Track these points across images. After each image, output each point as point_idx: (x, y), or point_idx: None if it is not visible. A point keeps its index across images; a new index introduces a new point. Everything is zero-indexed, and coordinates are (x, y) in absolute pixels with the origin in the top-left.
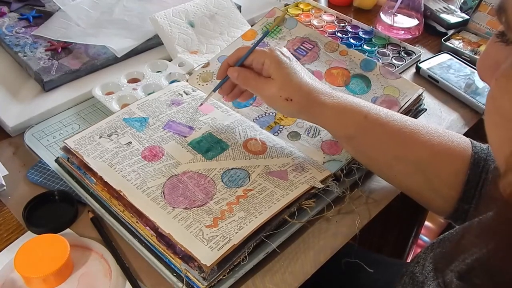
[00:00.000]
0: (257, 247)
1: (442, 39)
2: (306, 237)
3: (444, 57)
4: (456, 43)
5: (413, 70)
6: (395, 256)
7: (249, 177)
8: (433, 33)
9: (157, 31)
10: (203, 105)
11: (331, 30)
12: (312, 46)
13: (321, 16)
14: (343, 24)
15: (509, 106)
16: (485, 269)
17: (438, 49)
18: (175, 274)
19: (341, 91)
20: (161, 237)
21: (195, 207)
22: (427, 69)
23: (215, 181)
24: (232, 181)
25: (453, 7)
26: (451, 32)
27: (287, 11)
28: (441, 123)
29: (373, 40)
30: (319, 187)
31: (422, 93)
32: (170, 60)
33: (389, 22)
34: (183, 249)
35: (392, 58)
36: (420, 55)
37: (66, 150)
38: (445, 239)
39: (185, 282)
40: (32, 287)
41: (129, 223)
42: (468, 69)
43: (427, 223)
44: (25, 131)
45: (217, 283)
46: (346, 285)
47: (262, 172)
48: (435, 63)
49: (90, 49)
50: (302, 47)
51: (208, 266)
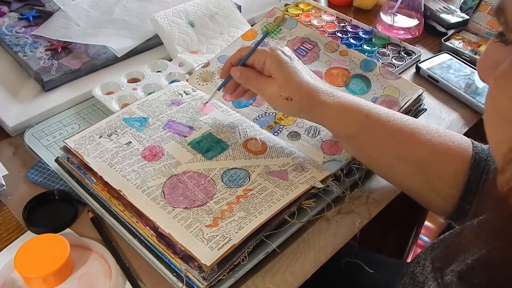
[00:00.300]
0: (257, 247)
1: (442, 39)
2: (306, 237)
3: (444, 57)
4: (456, 43)
5: (413, 70)
6: (395, 256)
7: (249, 177)
8: (433, 33)
9: (157, 31)
10: (206, 104)
11: (331, 30)
12: (312, 46)
13: (321, 16)
14: (343, 24)
15: (508, 106)
16: (485, 269)
17: (438, 49)
18: (175, 274)
19: (341, 91)
20: (161, 237)
21: (195, 207)
22: (427, 69)
23: (215, 181)
24: (232, 181)
25: (453, 7)
26: (451, 32)
27: (287, 11)
28: (441, 123)
29: (373, 40)
30: (319, 187)
31: (422, 93)
32: (170, 60)
33: (389, 22)
34: (183, 249)
35: (392, 58)
36: (420, 55)
37: (66, 150)
38: (445, 239)
39: (185, 282)
40: (32, 287)
41: (129, 223)
42: (468, 69)
43: (427, 223)
44: (25, 131)
45: (217, 283)
46: (346, 285)
47: (262, 172)
48: (435, 63)
49: (90, 49)
50: (302, 47)
51: (208, 266)
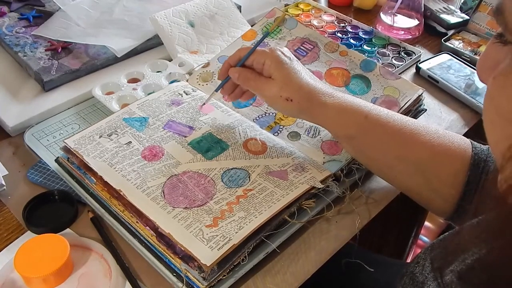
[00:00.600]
0: (257, 247)
1: (442, 40)
2: (306, 237)
3: (444, 57)
4: (456, 44)
5: (413, 70)
6: (395, 256)
7: (249, 177)
8: (433, 33)
9: (157, 31)
10: (203, 105)
11: (331, 30)
12: (312, 47)
13: (321, 16)
14: (343, 24)
15: (507, 104)
16: (485, 269)
17: (438, 50)
18: (175, 274)
19: (341, 91)
20: (161, 237)
21: (195, 207)
22: (427, 69)
23: (215, 181)
24: (232, 181)
25: (453, 7)
26: (451, 32)
27: (287, 11)
28: (441, 123)
29: (373, 40)
30: (319, 187)
31: (422, 93)
32: (170, 60)
33: (389, 22)
34: (183, 249)
35: (392, 58)
36: (420, 55)
37: (66, 150)
38: (445, 239)
39: (185, 282)
40: (32, 287)
41: (129, 223)
42: (468, 70)
43: (427, 223)
44: (25, 131)
45: (217, 283)
46: (346, 285)
47: (262, 172)
48: (435, 63)
49: (90, 49)
50: (302, 47)
51: (208, 266)
